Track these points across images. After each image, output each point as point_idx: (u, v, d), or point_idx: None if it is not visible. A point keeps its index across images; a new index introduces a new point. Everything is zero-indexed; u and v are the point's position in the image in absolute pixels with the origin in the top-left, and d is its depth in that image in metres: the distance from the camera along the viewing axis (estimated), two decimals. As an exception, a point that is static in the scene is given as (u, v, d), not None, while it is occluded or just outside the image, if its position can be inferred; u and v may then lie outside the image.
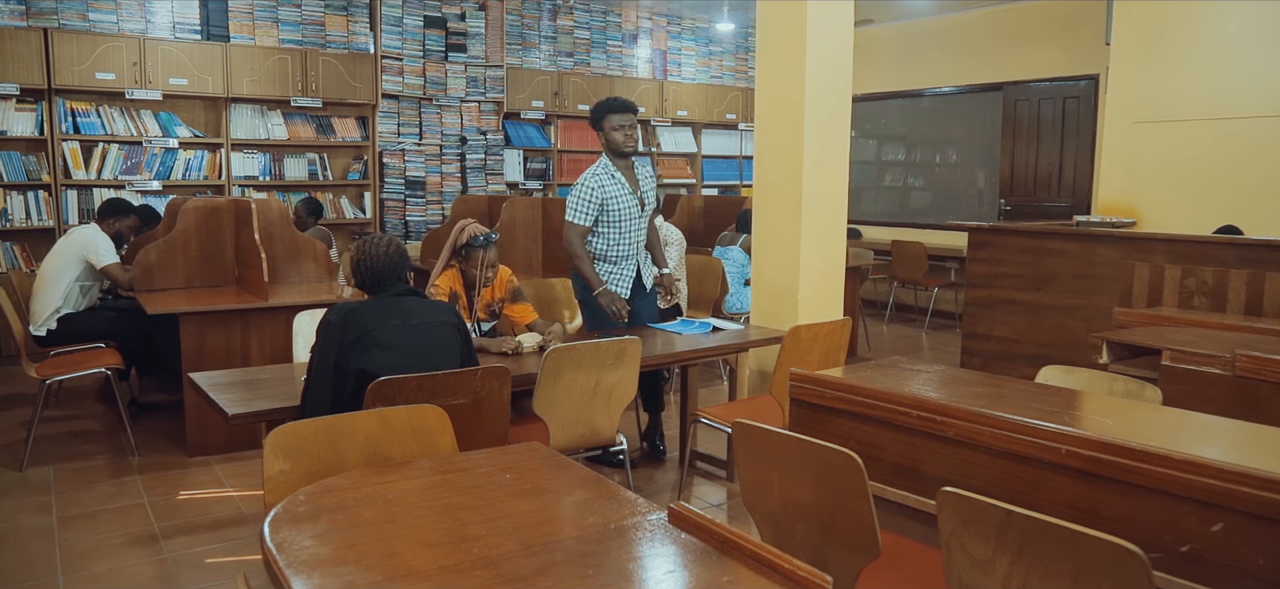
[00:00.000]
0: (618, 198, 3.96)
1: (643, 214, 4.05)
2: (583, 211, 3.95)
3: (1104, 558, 1.42)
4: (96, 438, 4.66)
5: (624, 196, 3.97)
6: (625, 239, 4.01)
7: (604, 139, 4.00)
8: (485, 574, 1.45)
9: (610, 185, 3.96)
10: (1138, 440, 1.86)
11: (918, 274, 8.14)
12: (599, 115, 4.00)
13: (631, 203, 3.99)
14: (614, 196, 3.96)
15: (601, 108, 4.00)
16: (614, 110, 3.96)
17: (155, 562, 3.25)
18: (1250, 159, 5.55)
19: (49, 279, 4.67)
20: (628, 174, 4.02)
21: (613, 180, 3.96)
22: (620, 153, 3.98)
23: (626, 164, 4.03)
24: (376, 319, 2.65)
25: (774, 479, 2.05)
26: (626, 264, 4.06)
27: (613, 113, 3.95)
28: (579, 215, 3.96)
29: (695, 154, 9.93)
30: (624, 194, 3.97)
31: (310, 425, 2.11)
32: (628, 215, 3.98)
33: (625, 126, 3.94)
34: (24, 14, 6.28)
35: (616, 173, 3.98)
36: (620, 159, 4.00)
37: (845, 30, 4.52)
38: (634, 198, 4.00)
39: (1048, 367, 2.86)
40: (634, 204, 4.00)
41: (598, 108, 4.02)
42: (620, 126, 3.94)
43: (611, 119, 3.95)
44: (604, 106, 4.00)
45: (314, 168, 7.56)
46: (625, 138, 3.95)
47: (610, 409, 3.27)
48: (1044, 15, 8.16)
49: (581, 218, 3.96)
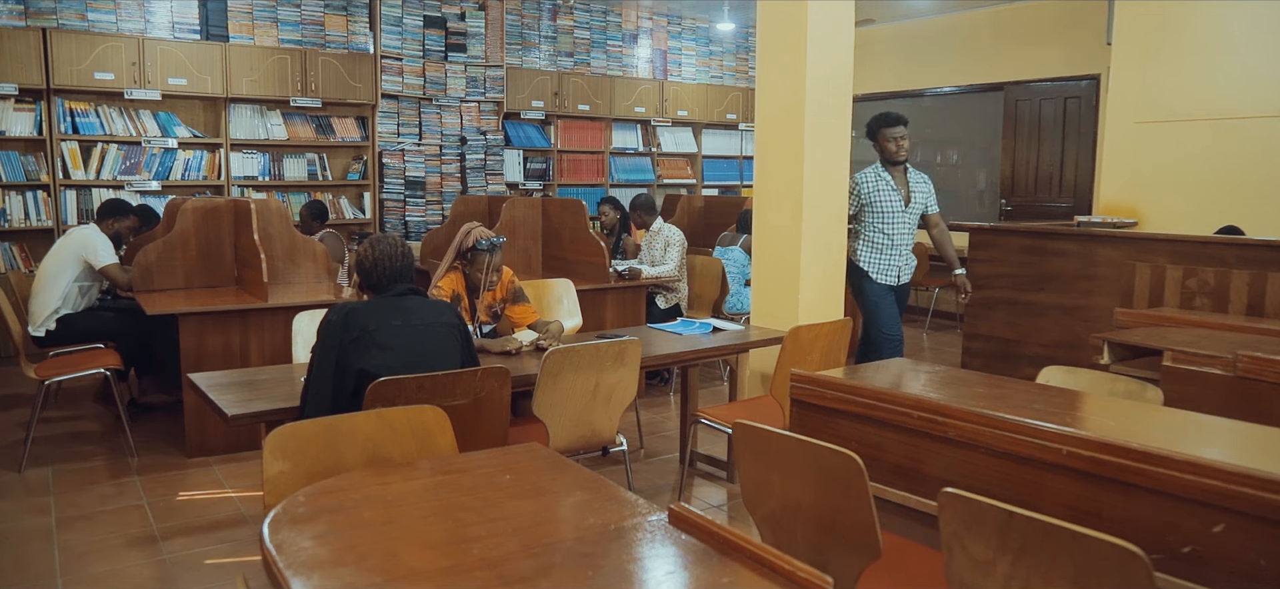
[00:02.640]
0: (885, 195, 4.54)
1: (907, 212, 4.58)
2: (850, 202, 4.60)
3: (1105, 559, 1.42)
4: (95, 439, 4.66)
5: (890, 195, 4.55)
6: (890, 233, 4.56)
7: (878, 148, 4.59)
8: (485, 575, 1.44)
9: (875, 183, 4.56)
10: (1139, 441, 1.85)
11: (918, 274, 8.13)
12: (876, 128, 4.56)
13: (897, 201, 4.55)
14: (878, 191, 4.54)
15: (878, 121, 4.57)
16: (890, 124, 4.53)
17: (154, 563, 3.25)
18: (1252, 159, 5.54)
19: (47, 279, 4.67)
20: (897, 178, 4.59)
21: (879, 179, 4.57)
22: (893, 161, 4.56)
23: (898, 171, 4.60)
24: (377, 319, 2.65)
25: (774, 480, 2.05)
26: (892, 252, 4.57)
27: (888, 126, 4.53)
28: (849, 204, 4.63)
29: (695, 154, 9.93)
30: (889, 191, 4.55)
31: (310, 426, 2.10)
32: (892, 210, 4.54)
33: (898, 137, 4.53)
34: (22, 13, 6.28)
35: (885, 173, 4.57)
36: (893, 166, 4.58)
37: (846, 30, 4.52)
38: (899, 198, 4.56)
39: (1049, 367, 2.85)
40: (899, 204, 4.55)
41: (875, 121, 4.58)
42: (894, 138, 4.52)
43: (886, 132, 4.53)
44: (881, 120, 4.57)
45: (313, 168, 7.56)
46: (897, 148, 4.53)
47: (610, 410, 3.26)
48: (1045, 15, 8.16)
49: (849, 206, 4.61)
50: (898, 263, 4.60)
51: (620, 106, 9.20)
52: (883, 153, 4.56)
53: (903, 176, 4.60)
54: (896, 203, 4.54)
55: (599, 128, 9.20)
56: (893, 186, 4.56)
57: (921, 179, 4.66)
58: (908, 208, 4.57)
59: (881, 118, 4.56)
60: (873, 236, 4.59)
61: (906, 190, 4.59)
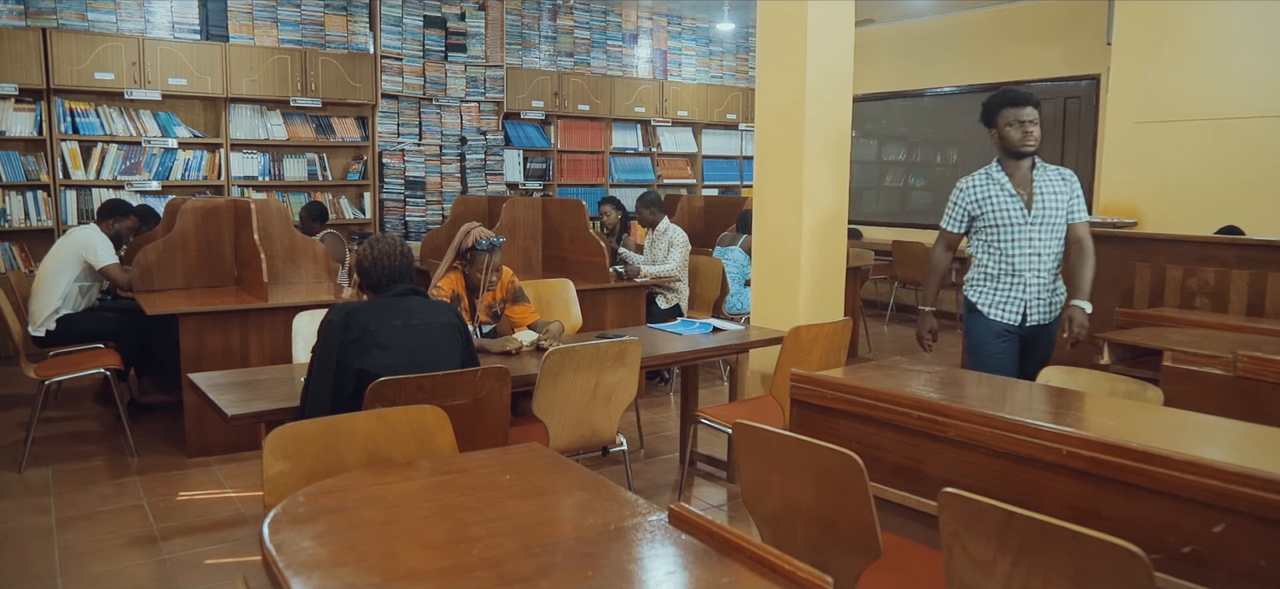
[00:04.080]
0: (997, 202, 3.41)
1: (1035, 225, 3.37)
2: (950, 216, 3.55)
3: (1105, 559, 1.42)
4: (95, 439, 4.65)
5: (1005, 199, 3.39)
6: (1008, 252, 3.39)
7: (998, 137, 3.46)
8: (485, 575, 1.44)
9: (984, 187, 3.45)
10: (1139, 441, 1.85)
11: (919, 274, 8.13)
12: (992, 110, 3.47)
13: (1014, 208, 3.37)
14: (991, 198, 3.42)
15: (995, 101, 3.46)
16: (1009, 103, 3.42)
17: (154, 563, 3.25)
18: (1252, 159, 5.54)
19: (47, 280, 4.67)
20: (1018, 176, 3.42)
21: (990, 181, 3.44)
22: (1016, 152, 3.41)
23: (1022, 165, 3.43)
24: (378, 319, 2.65)
25: (774, 480, 2.05)
26: (1014, 284, 3.40)
27: (1007, 106, 3.41)
28: (946, 221, 3.57)
29: (695, 154, 9.93)
30: (1005, 197, 3.39)
31: (310, 426, 2.10)
32: (1009, 222, 3.38)
33: (1024, 122, 3.37)
34: (22, 13, 6.28)
35: (999, 174, 3.43)
36: (1015, 159, 3.42)
37: (846, 30, 4.52)
38: (1018, 202, 3.37)
39: (1049, 367, 2.85)
40: (1018, 210, 3.37)
41: (992, 101, 3.48)
42: (1015, 122, 3.38)
43: (1006, 113, 3.41)
44: (998, 100, 3.45)
45: (313, 168, 7.56)
46: (1022, 135, 3.38)
47: (610, 410, 3.26)
48: (1045, 15, 8.16)
49: (947, 222, 3.57)
50: (1020, 295, 3.40)
51: (620, 106, 9.20)
52: (1003, 142, 3.44)
53: (1026, 175, 3.42)
54: (1015, 210, 3.37)
55: (599, 128, 9.20)
56: (1009, 189, 3.39)
57: (1058, 175, 3.45)
58: (1031, 215, 3.36)
59: (1001, 96, 3.47)
60: (984, 259, 3.48)
61: (1029, 192, 3.39)
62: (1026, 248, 3.38)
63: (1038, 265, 3.38)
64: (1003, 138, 3.43)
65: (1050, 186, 3.40)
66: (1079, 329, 3.32)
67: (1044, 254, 3.38)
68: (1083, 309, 3.34)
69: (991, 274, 3.45)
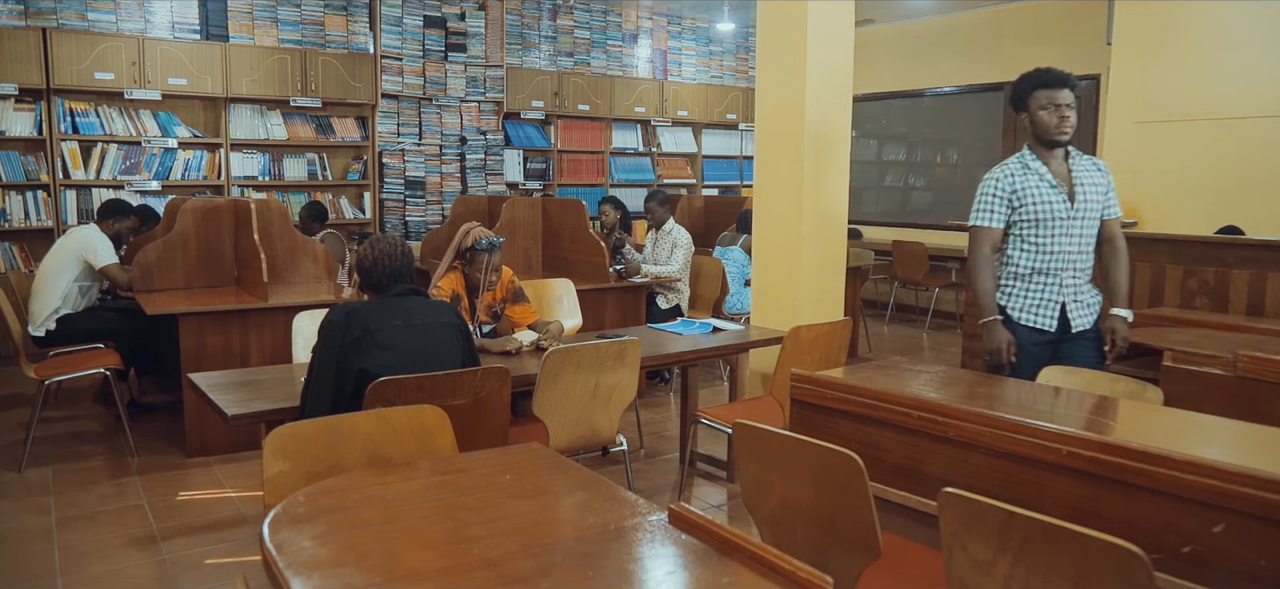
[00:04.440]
0: (1037, 193, 3.05)
1: (1077, 219, 3.05)
2: (985, 209, 3.11)
3: (1105, 559, 1.42)
4: (95, 439, 4.65)
5: (1046, 191, 3.04)
6: (1048, 249, 3.05)
7: (1028, 122, 3.10)
8: (485, 575, 1.44)
9: (1021, 176, 3.08)
10: (1139, 441, 1.85)
11: (918, 274, 8.14)
12: (1023, 92, 3.10)
13: (1057, 200, 3.04)
14: (1030, 190, 3.05)
15: (1028, 82, 3.08)
16: (1043, 84, 3.04)
17: (154, 563, 3.25)
18: (1252, 159, 5.54)
19: (47, 279, 4.67)
20: (1056, 166, 3.08)
21: (1027, 170, 3.08)
22: (1050, 140, 3.05)
23: (1056, 155, 3.10)
24: (378, 319, 2.65)
25: (774, 480, 2.05)
26: (1049, 284, 3.06)
27: (1041, 88, 3.04)
28: (982, 215, 3.11)
29: (695, 154, 9.93)
30: (1045, 187, 3.05)
31: (310, 426, 2.10)
32: (1051, 216, 3.03)
33: (1059, 105, 3.01)
34: (22, 13, 6.28)
35: (1036, 162, 3.08)
36: (1048, 148, 3.08)
37: (846, 30, 4.52)
38: (1060, 193, 3.04)
39: (1049, 367, 2.85)
40: (1061, 202, 3.04)
41: (1023, 82, 3.10)
42: (1050, 105, 3.02)
43: (1039, 96, 3.05)
44: (1031, 80, 3.07)
45: (313, 168, 7.56)
46: (1058, 120, 3.01)
47: (610, 410, 3.26)
48: (1045, 15, 8.16)
49: (985, 217, 3.11)
50: (1055, 296, 3.06)
51: (620, 106, 9.20)
52: (1037, 128, 3.07)
53: (1063, 164, 3.10)
54: (1057, 203, 3.03)
55: (599, 128, 9.20)
56: (1049, 180, 3.05)
57: (1094, 165, 3.14)
58: (1074, 208, 3.04)
59: (1035, 77, 3.07)
60: (1016, 257, 3.10)
61: (1069, 182, 3.07)
62: (1067, 244, 3.04)
63: (1076, 264, 3.06)
64: (1035, 123, 3.07)
65: (1089, 178, 3.09)
66: (1123, 343, 3.03)
67: (1085, 251, 3.08)
68: (1125, 319, 3.04)
69: (1022, 274, 3.08)
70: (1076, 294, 3.07)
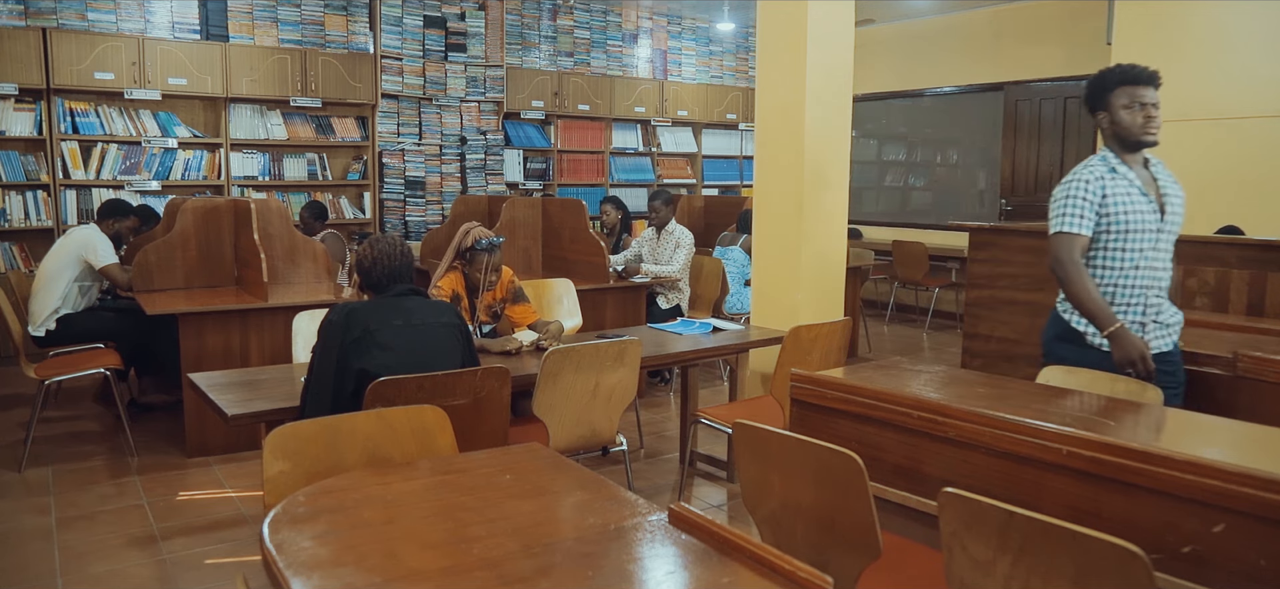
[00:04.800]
0: (1127, 199, 2.70)
1: (1166, 232, 2.74)
2: (1074, 214, 2.72)
3: (1105, 559, 1.42)
4: (95, 439, 4.65)
5: (1136, 198, 2.70)
6: (1136, 263, 2.72)
7: (1110, 121, 2.75)
8: (485, 575, 1.44)
9: (1114, 181, 2.71)
10: (1139, 441, 1.85)
11: (918, 274, 8.14)
12: (1103, 90, 2.75)
13: (1148, 209, 2.70)
14: (1119, 195, 2.70)
15: (1109, 79, 2.74)
16: (1127, 81, 2.70)
17: (154, 563, 3.25)
18: (1252, 159, 5.54)
19: (48, 279, 4.67)
20: (1139, 173, 2.75)
21: (1116, 175, 2.72)
22: (1133, 142, 2.72)
23: (1137, 159, 2.77)
24: (378, 319, 2.65)
25: (774, 480, 2.05)
26: (1133, 303, 2.74)
27: (1125, 85, 2.70)
28: (1070, 220, 2.72)
29: (695, 154, 9.93)
30: (1136, 195, 2.70)
31: (310, 426, 2.10)
32: (1142, 227, 2.69)
33: (1145, 104, 2.69)
34: (22, 13, 6.28)
35: (1122, 166, 2.73)
36: (1131, 152, 2.75)
37: (845, 30, 4.52)
38: (1151, 202, 2.71)
39: (1049, 367, 2.85)
40: (1151, 212, 2.71)
41: (1103, 79, 2.76)
42: (1135, 104, 2.69)
43: (1122, 94, 2.71)
44: (1113, 77, 2.73)
45: (313, 168, 7.56)
46: (1144, 120, 2.68)
47: (610, 410, 3.26)
48: (1045, 15, 8.16)
49: (1073, 223, 2.71)
50: (1138, 318, 2.75)
51: (620, 106, 9.20)
52: (1117, 130, 2.73)
53: (1146, 170, 2.78)
54: (1148, 212, 2.71)
55: (599, 128, 9.20)
56: (1139, 186, 2.72)
57: (1170, 177, 2.82)
58: (1164, 220, 2.73)
59: (1117, 73, 2.73)
60: (1100, 272, 2.76)
61: (1158, 192, 2.76)
62: (1155, 259, 2.73)
63: (1161, 282, 2.77)
64: (1116, 124, 2.73)
65: (1172, 189, 2.79)
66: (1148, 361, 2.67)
67: (1168, 268, 2.79)
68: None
69: (1105, 291, 2.75)
70: (1158, 314, 2.78)
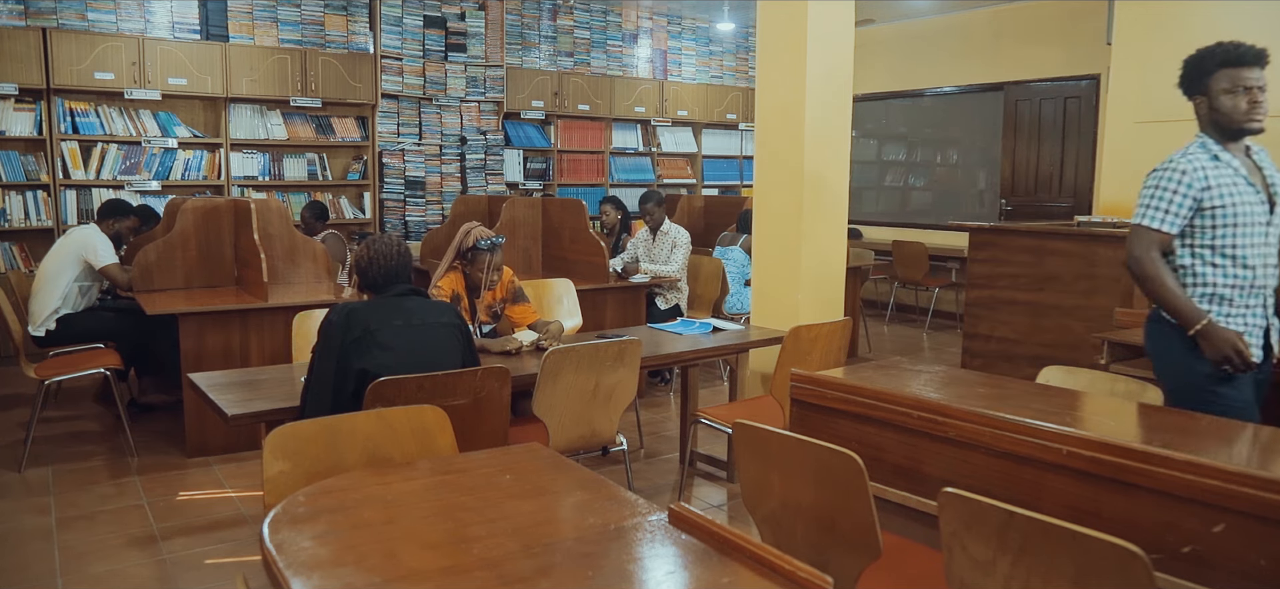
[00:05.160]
0: (1234, 190, 2.45)
1: (1276, 226, 2.51)
2: (1160, 207, 2.48)
3: (1105, 559, 1.42)
4: (95, 439, 4.65)
5: (1244, 189, 2.46)
6: (1248, 261, 2.47)
7: (1205, 108, 2.52)
8: (485, 575, 1.44)
9: (1217, 170, 2.46)
10: (1139, 441, 1.86)
11: (918, 274, 8.14)
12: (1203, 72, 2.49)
13: (1256, 201, 2.47)
14: (1225, 186, 2.45)
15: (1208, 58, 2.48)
16: (1229, 62, 2.44)
17: (154, 563, 3.25)
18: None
19: (47, 279, 4.67)
20: (1242, 162, 2.51)
21: (1219, 165, 2.47)
22: (1237, 128, 2.47)
23: (1239, 148, 2.52)
24: (379, 319, 2.65)
25: (774, 480, 2.05)
26: (1252, 306, 2.49)
27: (1227, 66, 2.44)
28: (1154, 215, 2.49)
29: (695, 154, 9.93)
30: (1242, 184, 2.46)
31: (310, 426, 2.10)
32: (1252, 221, 2.45)
33: (1250, 87, 2.42)
34: (22, 13, 6.27)
35: (1225, 153, 2.48)
36: (1232, 140, 2.50)
37: (845, 30, 4.52)
38: (1259, 193, 2.48)
39: (1049, 367, 2.85)
40: (1260, 204, 2.47)
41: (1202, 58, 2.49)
42: (1238, 87, 2.42)
43: (1222, 76, 2.45)
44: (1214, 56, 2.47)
45: (313, 168, 7.56)
46: (1248, 105, 2.43)
47: (610, 410, 3.26)
48: (1045, 15, 8.16)
49: (1157, 218, 2.49)
50: (1259, 322, 2.51)
51: (620, 106, 9.20)
52: (1217, 115, 2.48)
53: (1248, 159, 2.55)
54: (1255, 205, 2.47)
55: (599, 128, 9.20)
56: (1245, 175, 2.48)
57: (1274, 167, 2.57)
58: (1274, 215, 2.50)
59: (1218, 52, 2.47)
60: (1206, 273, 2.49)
61: (1263, 180, 2.52)
62: (1268, 255, 2.47)
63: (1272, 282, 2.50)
64: (1216, 108, 2.47)
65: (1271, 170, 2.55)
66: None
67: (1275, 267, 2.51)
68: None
69: (1221, 295, 2.47)
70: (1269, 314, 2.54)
